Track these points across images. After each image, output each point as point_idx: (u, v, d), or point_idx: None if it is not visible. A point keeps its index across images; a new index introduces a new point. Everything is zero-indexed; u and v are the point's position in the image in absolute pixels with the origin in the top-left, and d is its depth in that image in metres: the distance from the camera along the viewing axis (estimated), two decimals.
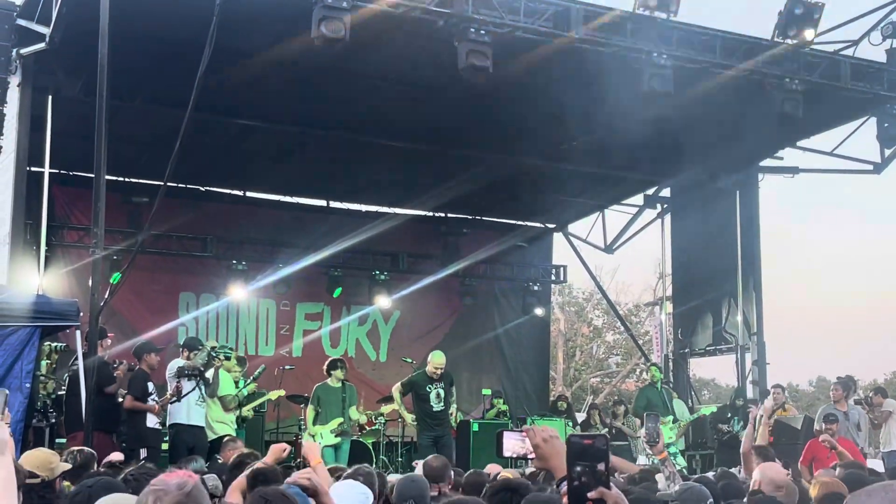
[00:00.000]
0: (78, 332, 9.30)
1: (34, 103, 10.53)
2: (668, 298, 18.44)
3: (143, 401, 9.81)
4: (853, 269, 58.57)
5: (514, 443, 3.09)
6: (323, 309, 16.80)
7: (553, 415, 15.16)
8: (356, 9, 9.21)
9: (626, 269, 35.40)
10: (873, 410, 11.62)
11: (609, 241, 18.38)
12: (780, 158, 15.34)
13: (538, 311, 18.09)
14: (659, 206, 17.40)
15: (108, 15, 8.93)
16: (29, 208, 11.12)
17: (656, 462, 6.71)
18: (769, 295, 15.49)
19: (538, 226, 18.63)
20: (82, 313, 9.24)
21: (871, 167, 13.97)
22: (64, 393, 10.25)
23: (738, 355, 15.27)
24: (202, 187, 15.68)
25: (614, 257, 19.41)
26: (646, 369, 19.03)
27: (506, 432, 3.18)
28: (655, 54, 10.44)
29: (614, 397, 22.40)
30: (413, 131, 13.26)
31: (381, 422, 13.51)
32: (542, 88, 11.27)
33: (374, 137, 13.44)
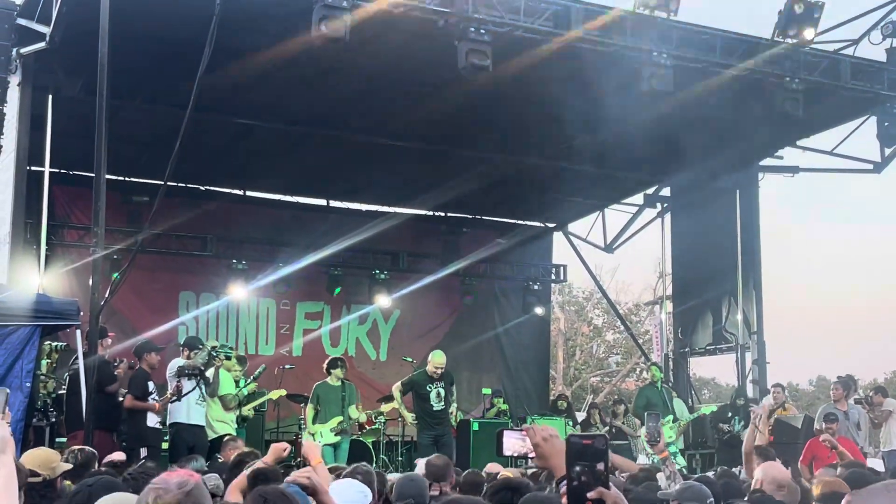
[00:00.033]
0: (78, 332, 9.30)
1: (34, 102, 10.53)
2: (668, 297, 18.44)
3: (144, 400, 9.82)
4: (853, 268, 58.62)
5: (515, 442, 3.09)
6: (323, 308, 16.79)
7: (553, 414, 15.17)
8: (356, 8, 9.22)
9: (626, 269, 35.50)
10: (873, 410, 11.62)
11: (609, 240, 18.37)
12: (780, 158, 15.33)
13: (538, 311, 18.08)
14: (659, 205, 17.38)
15: (108, 14, 8.93)
16: (29, 207, 11.11)
17: (656, 461, 6.71)
18: (769, 294, 15.51)
19: (538, 225, 18.63)
20: (82, 312, 9.25)
21: (871, 166, 13.96)
22: (64, 392, 10.25)
23: (739, 354, 15.26)
24: (202, 186, 15.67)
25: (614, 256, 19.43)
26: (646, 368, 19.05)
27: (506, 431, 3.19)
28: (655, 54, 10.44)
29: (614, 396, 22.38)
30: (413, 131, 13.26)
31: (381, 421, 13.50)
32: (543, 88, 11.26)
33: (374, 137, 13.44)
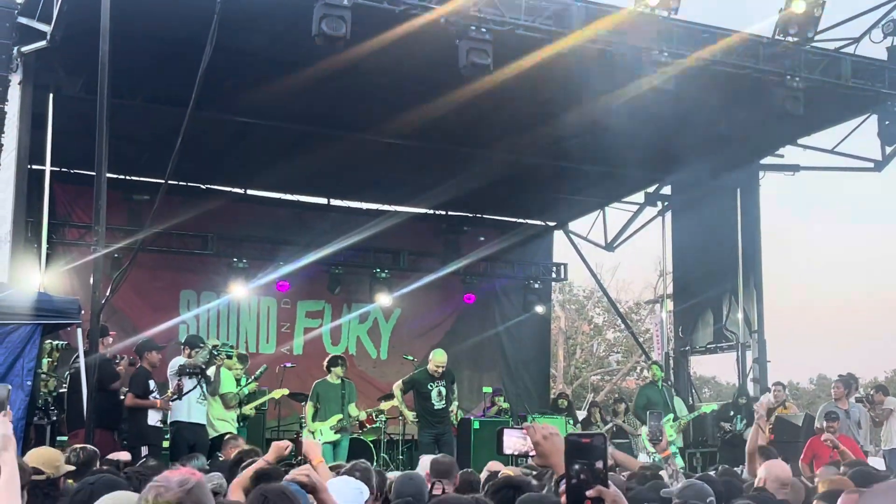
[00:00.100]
0: (79, 330, 9.30)
1: (35, 101, 10.53)
2: (669, 296, 18.44)
3: (145, 399, 9.84)
4: (854, 266, 58.62)
5: (515, 440, 3.10)
6: (324, 307, 16.80)
7: (554, 412, 15.18)
8: (357, 6, 9.22)
9: (627, 267, 35.58)
10: (874, 408, 11.62)
11: (610, 238, 18.37)
12: (781, 156, 15.32)
13: (539, 309, 18.10)
14: (660, 203, 17.37)
15: (108, 13, 8.94)
16: (30, 206, 11.12)
17: (657, 460, 6.72)
18: (770, 293, 15.51)
19: (539, 223, 18.63)
20: (83, 311, 9.27)
21: (871, 165, 13.95)
22: (65, 391, 10.26)
23: (739, 353, 15.26)
24: (203, 185, 15.67)
25: (615, 255, 19.43)
26: (646, 367, 19.05)
27: (506, 430, 3.20)
28: (656, 52, 10.44)
29: (615, 395, 22.37)
30: (414, 129, 13.23)
31: (382, 419, 13.51)
32: (543, 86, 11.26)
33: (374, 135, 13.43)
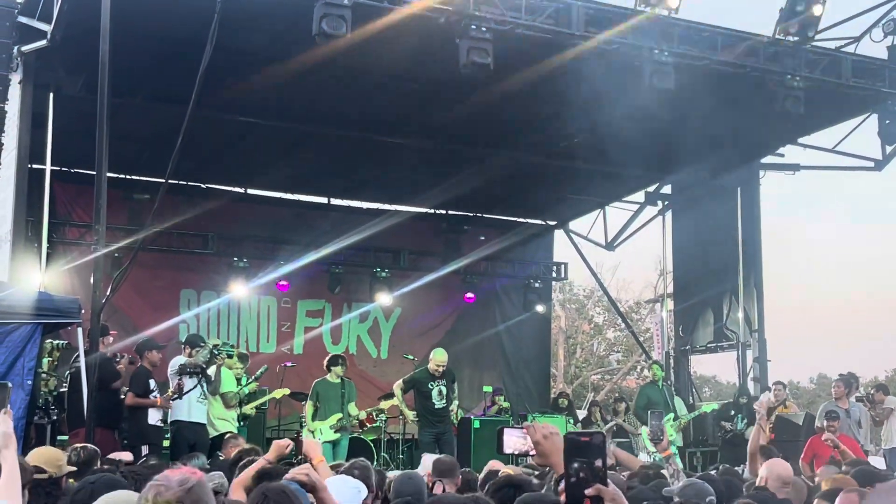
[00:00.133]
0: (80, 330, 9.30)
1: (35, 100, 10.52)
2: (669, 295, 18.44)
3: (145, 398, 9.84)
4: (854, 265, 58.60)
5: (515, 439, 3.10)
6: (324, 306, 16.80)
7: (554, 412, 15.19)
8: (357, 6, 9.21)
9: (627, 267, 35.60)
10: (875, 407, 11.62)
11: (610, 238, 18.37)
12: (782, 155, 15.31)
13: (539, 308, 18.10)
14: (660, 202, 17.36)
15: (109, 12, 8.93)
16: (30, 205, 11.11)
17: (658, 459, 6.72)
18: (770, 292, 15.52)
19: (539, 223, 18.63)
20: (84, 310, 9.26)
21: (872, 164, 13.95)
22: (66, 390, 10.26)
23: (739, 352, 15.25)
24: (203, 184, 15.66)
25: (615, 254, 19.47)
26: (647, 366, 19.06)
27: (507, 429, 3.20)
28: (657, 51, 10.43)
29: (615, 394, 22.38)
30: (414, 128, 13.25)
31: (383, 419, 13.50)
32: (544, 85, 11.25)
33: (375, 135, 13.44)
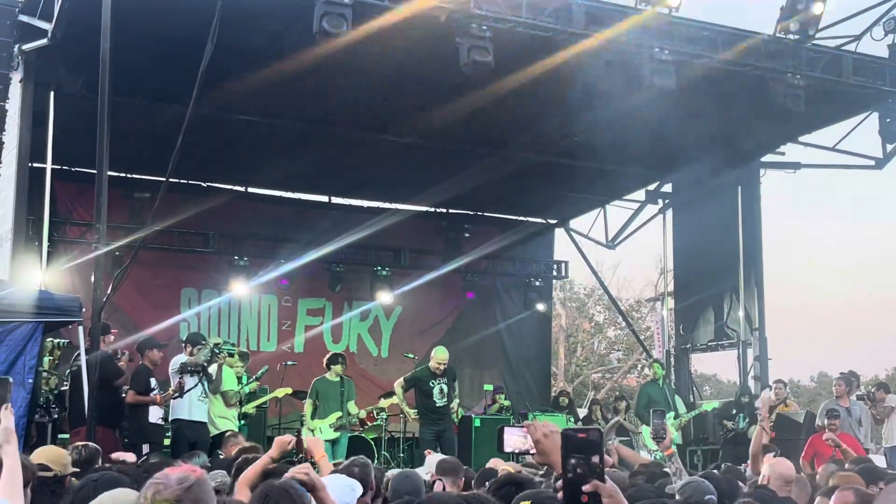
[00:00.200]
0: (80, 328, 9.31)
1: (36, 99, 10.52)
2: (670, 294, 18.42)
3: (146, 395, 9.84)
4: (855, 264, 58.57)
5: (516, 438, 3.10)
6: (325, 304, 16.81)
7: (555, 410, 15.21)
8: (358, 4, 9.21)
9: (628, 265, 35.55)
10: (876, 406, 11.63)
11: (611, 236, 18.38)
12: (782, 154, 15.32)
13: (540, 307, 18.10)
14: (661, 201, 17.37)
15: (109, 11, 8.93)
16: (31, 204, 11.11)
17: (659, 457, 6.72)
18: (771, 290, 15.53)
19: (540, 221, 18.63)
20: (85, 309, 9.25)
21: (872, 163, 13.96)
22: (66, 388, 10.26)
23: (740, 351, 15.26)
24: (204, 183, 15.66)
25: (616, 253, 19.51)
26: (647, 365, 19.06)
27: (507, 428, 3.20)
28: (657, 49, 10.43)
29: (616, 393, 22.38)
30: (414, 127, 13.25)
31: (383, 417, 13.50)
32: (544, 83, 11.25)
33: (375, 133, 13.44)
